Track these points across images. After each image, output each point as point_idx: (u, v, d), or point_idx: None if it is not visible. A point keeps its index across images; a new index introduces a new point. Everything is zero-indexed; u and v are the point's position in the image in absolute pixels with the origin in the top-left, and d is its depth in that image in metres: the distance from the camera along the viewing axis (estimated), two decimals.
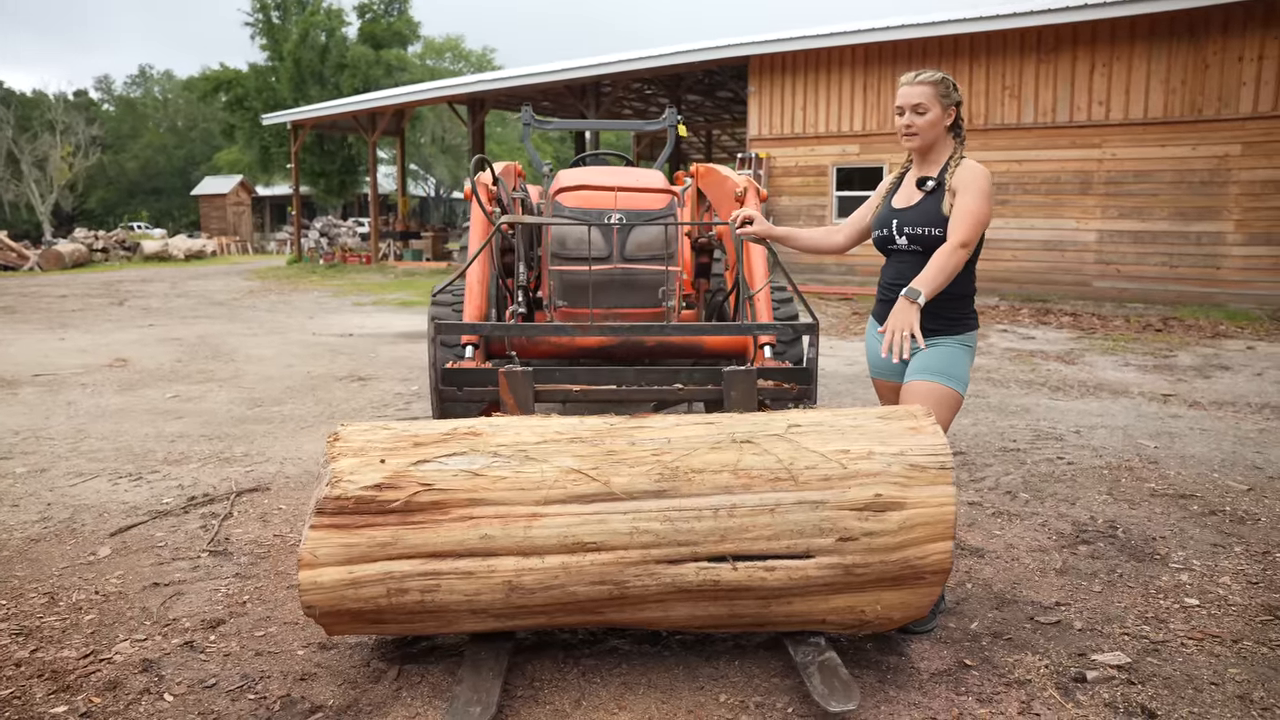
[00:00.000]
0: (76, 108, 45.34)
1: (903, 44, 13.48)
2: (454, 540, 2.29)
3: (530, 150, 6.59)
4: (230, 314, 12.54)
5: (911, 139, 2.85)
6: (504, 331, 3.54)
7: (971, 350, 2.90)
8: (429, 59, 47.26)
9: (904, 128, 2.85)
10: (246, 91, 33.21)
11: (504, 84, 19.92)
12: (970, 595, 3.11)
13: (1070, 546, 3.57)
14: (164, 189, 51.97)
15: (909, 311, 2.57)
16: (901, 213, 2.89)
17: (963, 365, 2.85)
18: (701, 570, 2.30)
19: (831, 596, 2.36)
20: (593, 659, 2.62)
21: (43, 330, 10.58)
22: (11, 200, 38.46)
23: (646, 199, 4.45)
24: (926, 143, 2.86)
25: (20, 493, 4.31)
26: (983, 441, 5.21)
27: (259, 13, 33.78)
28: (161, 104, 58.60)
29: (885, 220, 2.94)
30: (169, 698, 2.44)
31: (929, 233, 2.80)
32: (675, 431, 2.46)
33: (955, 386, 2.81)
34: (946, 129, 2.88)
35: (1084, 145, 12.52)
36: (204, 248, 28.81)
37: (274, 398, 6.62)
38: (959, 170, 2.81)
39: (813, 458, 2.35)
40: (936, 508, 2.31)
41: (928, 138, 2.85)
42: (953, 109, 2.88)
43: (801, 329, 3.45)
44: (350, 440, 2.48)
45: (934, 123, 2.83)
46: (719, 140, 32.78)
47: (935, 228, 2.78)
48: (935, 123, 2.83)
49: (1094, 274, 12.57)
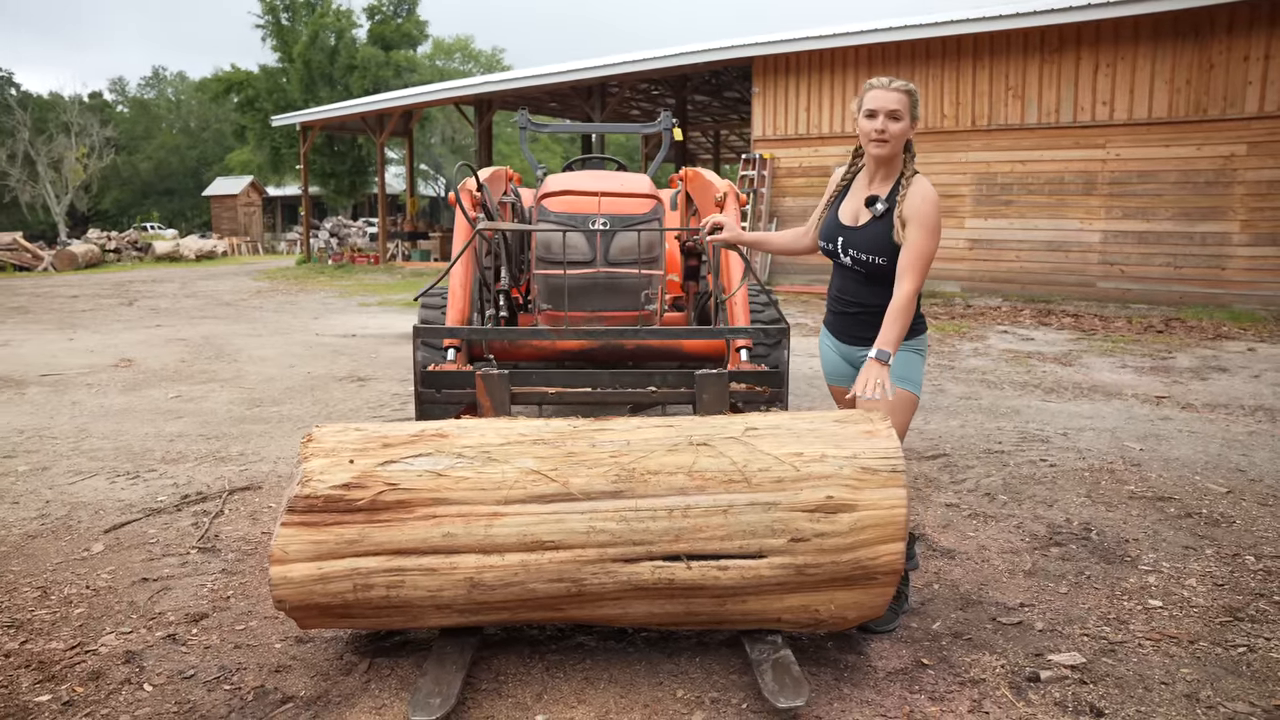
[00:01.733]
0: (91, 109, 45.79)
1: (906, 44, 13.49)
2: (418, 538, 2.37)
3: (527, 153, 6.67)
4: (237, 314, 12.69)
5: (882, 145, 2.80)
6: (480, 335, 3.62)
7: (923, 354, 2.97)
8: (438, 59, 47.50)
9: (875, 132, 2.78)
10: (257, 93, 33.48)
11: (510, 85, 20.01)
12: (936, 596, 3.16)
13: (1042, 548, 3.62)
14: (176, 189, 52.43)
15: (881, 372, 2.62)
16: (849, 232, 2.90)
17: (916, 368, 2.92)
18: (657, 569, 2.37)
19: (785, 596, 2.43)
20: (558, 654, 2.70)
21: (53, 330, 10.74)
22: (28, 201, 38.88)
23: (631, 204, 4.52)
24: (893, 151, 2.86)
25: (21, 490, 4.43)
26: (968, 443, 5.26)
27: (269, 15, 34.03)
28: (174, 105, 59.12)
29: (832, 234, 2.96)
30: (148, 688, 2.53)
31: (874, 261, 2.83)
32: (635, 434, 2.53)
33: (908, 387, 2.89)
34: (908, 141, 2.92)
35: (1088, 145, 12.50)
36: (215, 248, 29.07)
37: (273, 398, 6.73)
38: (910, 194, 2.78)
39: (766, 460, 2.42)
40: (888, 510, 2.37)
41: (896, 147, 2.84)
42: (915, 123, 2.90)
43: (773, 333, 3.52)
44: (322, 441, 2.56)
45: (904, 132, 2.81)
46: (727, 140, 32.84)
47: (882, 256, 2.80)
48: (905, 133, 2.82)
49: (1098, 275, 12.55)
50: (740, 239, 3.29)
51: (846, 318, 2.99)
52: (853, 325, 2.97)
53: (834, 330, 3.06)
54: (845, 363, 3.05)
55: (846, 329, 3.00)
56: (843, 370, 3.07)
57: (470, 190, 4.31)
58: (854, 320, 2.96)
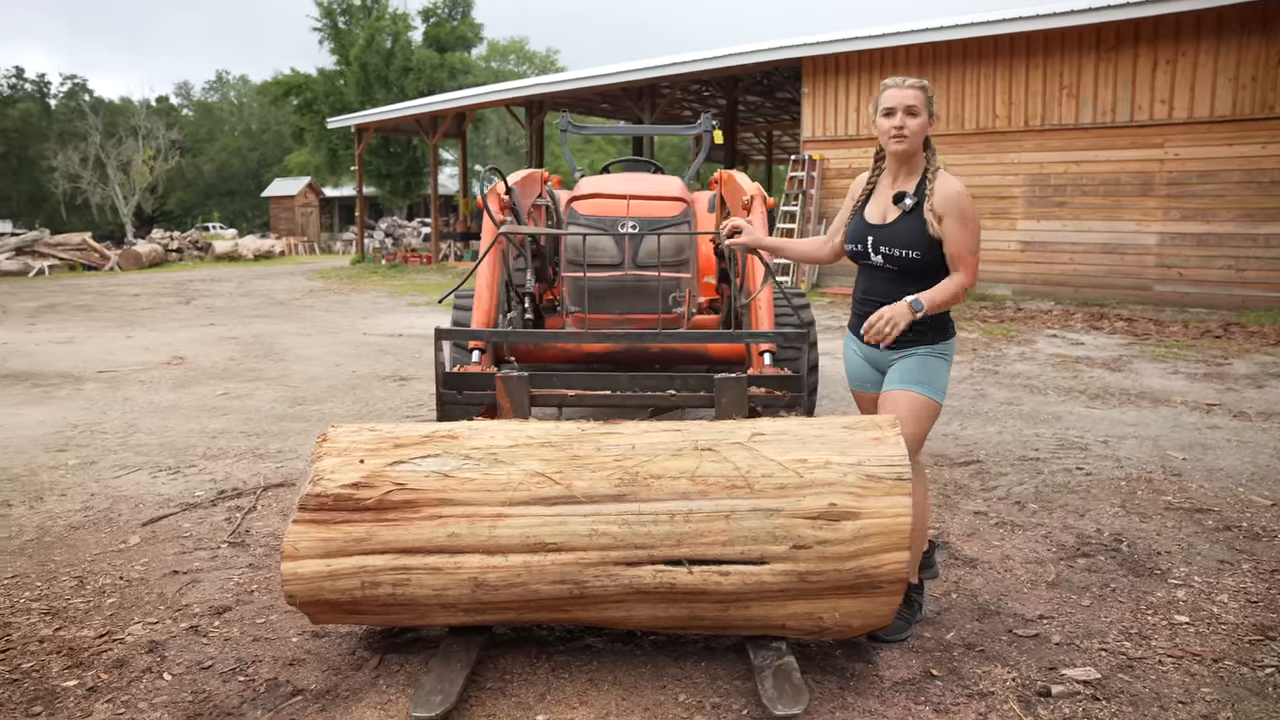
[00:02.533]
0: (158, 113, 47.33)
1: (957, 44, 13.27)
2: (423, 537, 2.42)
3: (567, 155, 6.73)
4: (288, 313, 13.00)
5: (901, 141, 2.81)
6: (499, 338, 3.67)
7: (949, 360, 2.93)
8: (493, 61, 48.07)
9: (894, 129, 2.80)
10: (315, 95, 34.22)
11: (561, 86, 20.16)
12: (953, 605, 3.12)
13: (1068, 559, 3.54)
14: (238, 190, 53.89)
15: (905, 314, 2.67)
16: (878, 230, 2.89)
17: (941, 375, 2.88)
18: (658, 573, 2.38)
19: (788, 603, 2.42)
20: (565, 655, 2.72)
21: (113, 328, 11.12)
22: (98, 202, 40.34)
23: (660, 206, 4.53)
24: (913, 148, 2.86)
25: (69, 483, 4.60)
26: (1003, 450, 5.16)
27: (326, 18, 34.76)
28: (237, 108, 60.78)
29: (859, 235, 2.95)
30: (168, 677, 2.62)
31: (908, 255, 2.81)
32: (641, 438, 2.54)
33: (933, 396, 2.85)
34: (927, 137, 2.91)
35: (1145, 145, 12.15)
36: (272, 248, 29.79)
37: (316, 396, 6.89)
38: (939, 188, 2.80)
39: (770, 466, 2.41)
40: (892, 518, 2.34)
41: (915, 143, 2.84)
42: (932, 119, 2.89)
43: (792, 336, 3.49)
44: (336, 441, 2.62)
45: (923, 128, 2.82)
46: (779, 141, 32.63)
47: (915, 250, 2.79)
48: (923, 128, 2.83)
49: (1154, 278, 12.20)
50: (759, 243, 3.27)
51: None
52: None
53: (858, 333, 3.03)
54: (870, 366, 3.02)
55: None
56: (867, 374, 3.04)
57: (499, 193, 4.36)
58: None
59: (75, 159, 39.13)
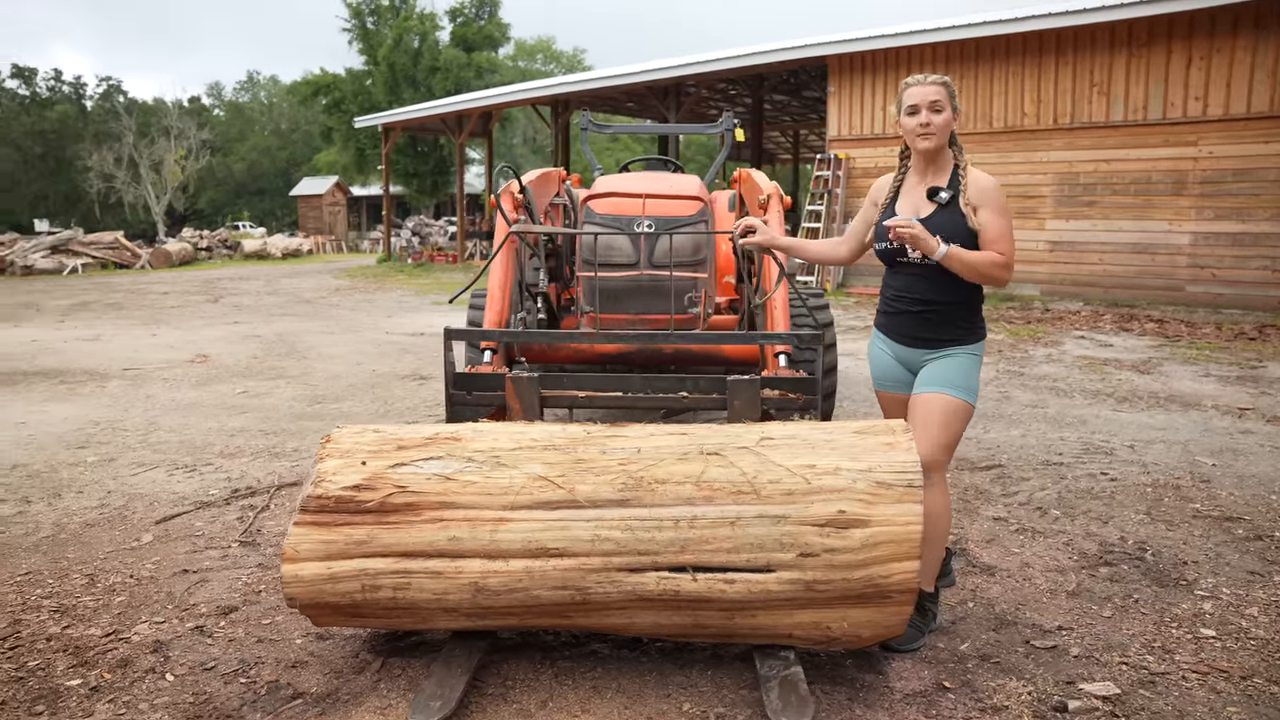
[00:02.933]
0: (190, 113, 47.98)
1: (985, 41, 13.08)
2: (424, 541, 2.38)
3: (587, 153, 6.70)
4: (313, 312, 13.08)
5: (928, 138, 2.79)
6: (509, 338, 3.63)
7: (979, 359, 2.89)
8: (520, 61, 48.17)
9: (920, 127, 2.78)
10: (343, 95, 34.49)
11: (586, 85, 20.15)
12: (969, 615, 3.04)
13: (1090, 568, 3.44)
14: (267, 189, 54.50)
15: (930, 246, 2.67)
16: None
17: (973, 376, 2.84)
18: (662, 580, 2.33)
19: (795, 611, 2.36)
20: (569, 661, 2.68)
21: (140, 326, 11.25)
22: (131, 201, 40.96)
23: (676, 205, 4.48)
24: (939, 144, 2.82)
25: (87, 480, 4.63)
26: (1026, 454, 5.05)
27: (355, 19, 35.00)
28: (267, 108, 61.45)
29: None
30: (170, 677, 2.61)
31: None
32: (647, 441, 2.49)
33: (966, 397, 2.79)
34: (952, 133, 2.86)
35: (1178, 143, 11.90)
36: (300, 246, 30.06)
37: (335, 395, 6.90)
38: (973, 181, 2.80)
39: (777, 472, 2.35)
40: (902, 526, 2.28)
41: (942, 139, 2.81)
42: (956, 115, 2.84)
43: (806, 338, 3.43)
44: (340, 442, 2.60)
45: (948, 123, 2.80)
46: (806, 140, 32.43)
47: (955, 243, 2.73)
48: (948, 124, 2.80)
49: (1186, 278, 11.95)
50: (773, 243, 3.21)
51: (908, 317, 2.89)
52: (915, 325, 2.87)
53: (891, 332, 2.96)
54: (901, 366, 2.96)
55: (907, 329, 2.90)
56: (896, 374, 2.97)
57: (513, 192, 4.32)
58: (917, 320, 2.86)
59: (109, 159, 39.76)
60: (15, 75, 50.31)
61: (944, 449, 2.76)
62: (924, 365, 2.88)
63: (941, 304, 2.82)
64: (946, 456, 2.78)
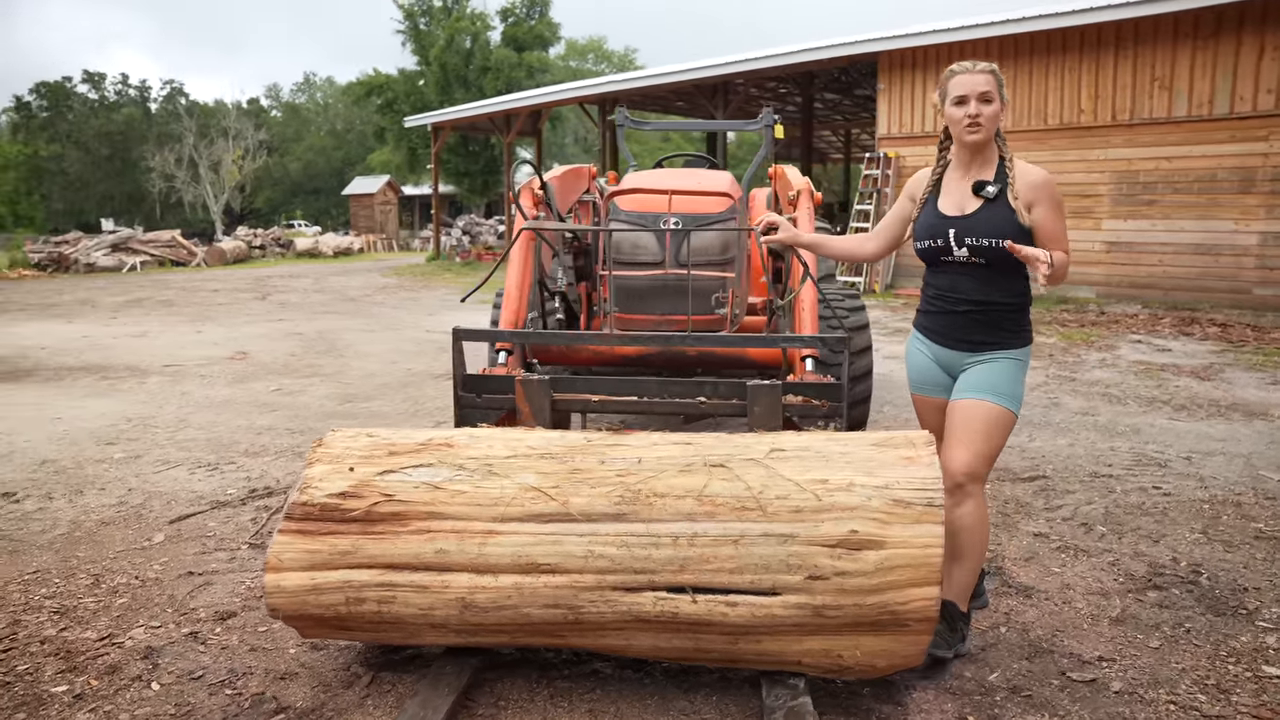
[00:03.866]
0: (247, 114, 49.02)
1: (1040, 35, 12.64)
2: (410, 553, 2.26)
3: (623, 150, 6.56)
4: (357, 309, 13.16)
5: (976, 130, 2.60)
6: (519, 339, 3.50)
7: (1025, 364, 2.70)
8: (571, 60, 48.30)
9: (968, 119, 2.59)
10: (396, 95, 34.89)
11: (633, 84, 20.04)
12: (1001, 641, 2.83)
13: (1137, 592, 3.20)
14: (322, 189, 55.45)
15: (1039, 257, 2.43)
16: (960, 221, 2.64)
17: (1017, 382, 2.65)
18: (659, 600, 2.17)
19: (804, 638, 2.18)
20: (568, 681, 2.54)
21: (187, 323, 11.41)
22: (190, 201, 41.98)
23: (704, 202, 4.32)
24: (988, 136, 2.64)
25: (110, 477, 4.62)
26: (1073, 464, 4.78)
27: (408, 20, 35.38)
28: (322, 109, 62.54)
29: (937, 229, 2.69)
30: (156, 686, 2.53)
31: (996, 244, 2.56)
32: (649, 451, 2.34)
33: (1008, 405, 2.61)
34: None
35: (1246, 139, 11.35)
36: (351, 245, 30.43)
37: (366, 394, 6.87)
38: (1022, 175, 2.62)
39: (786, 487, 2.18)
40: (920, 549, 2.09)
41: (989, 131, 2.63)
42: (1004, 105, 2.65)
43: (832, 341, 3.24)
44: (330, 446, 2.49)
45: (997, 114, 2.62)
46: (858, 139, 31.91)
47: (1004, 239, 2.54)
48: (997, 115, 2.62)
49: (1254, 280, 11.39)
50: (796, 240, 3.03)
51: (954, 317, 2.69)
52: (963, 326, 2.67)
53: (932, 333, 2.77)
54: (941, 370, 2.76)
55: (953, 331, 2.70)
56: (935, 377, 2.78)
57: (533, 189, 4.20)
58: (965, 321, 2.67)
59: (170, 160, 40.78)
60: (85, 80, 51.93)
61: (985, 460, 2.56)
62: (965, 370, 2.69)
63: (991, 305, 2.64)
64: (986, 468, 2.59)
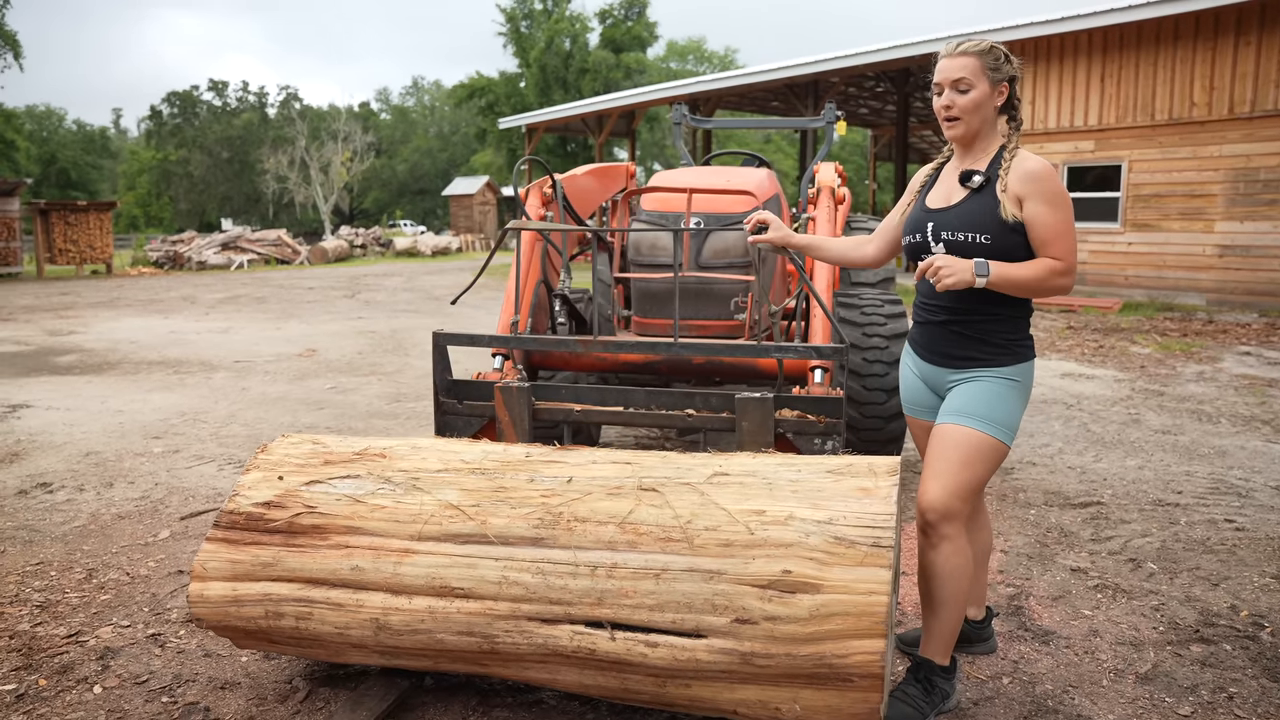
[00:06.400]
0: (356, 117, 50.90)
1: (1149, 24, 11.80)
2: (328, 568, 2.15)
3: (680, 148, 6.40)
4: (438, 308, 13.36)
5: (953, 125, 2.33)
6: (501, 343, 3.37)
7: (1022, 387, 2.35)
8: (671, 61, 48.24)
9: (943, 110, 2.33)
10: (497, 97, 35.58)
11: (723, 84, 19.81)
12: (1000, 694, 2.52)
13: (1178, 644, 2.82)
14: (427, 190, 57.13)
15: (965, 271, 2.17)
16: (939, 214, 2.36)
17: (1007, 406, 2.31)
18: (576, 635, 1.99)
19: (737, 686, 1.96)
20: (507, 710, 2.38)
21: (270, 320, 11.79)
22: (301, 201, 43.82)
23: (725, 201, 4.11)
24: (971, 129, 2.34)
25: (142, 471, 4.73)
26: (1137, 490, 4.34)
27: (509, 23, 36.01)
28: (429, 111, 64.38)
29: (918, 223, 2.42)
30: (98, 690, 2.50)
31: (974, 239, 2.26)
32: (584, 470, 2.16)
33: (994, 433, 2.28)
34: (996, 111, 2.35)
35: None
36: (450, 244, 31.14)
37: (417, 394, 6.89)
38: (1017, 167, 2.28)
39: (718, 517, 1.96)
40: (863, 595, 1.84)
41: (972, 123, 2.33)
42: (1004, 86, 2.34)
43: (828, 351, 2.99)
44: (272, 453, 2.41)
45: (979, 103, 2.31)
46: None
47: (983, 234, 2.26)
48: (980, 103, 2.31)
49: None
50: (787, 241, 2.77)
51: (931, 329, 2.42)
52: (940, 339, 2.39)
53: (919, 346, 2.49)
54: (926, 388, 2.49)
55: (934, 344, 2.42)
56: (923, 397, 2.51)
57: (543, 188, 4.08)
58: (941, 333, 2.39)
59: (284, 162, 42.68)
60: (211, 88, 54.96)
61: (960, 496, 2.25)
62: (949, 389, 2.40)
63: (973, 314, 2.32)
64: (963, 505, 2.26)
